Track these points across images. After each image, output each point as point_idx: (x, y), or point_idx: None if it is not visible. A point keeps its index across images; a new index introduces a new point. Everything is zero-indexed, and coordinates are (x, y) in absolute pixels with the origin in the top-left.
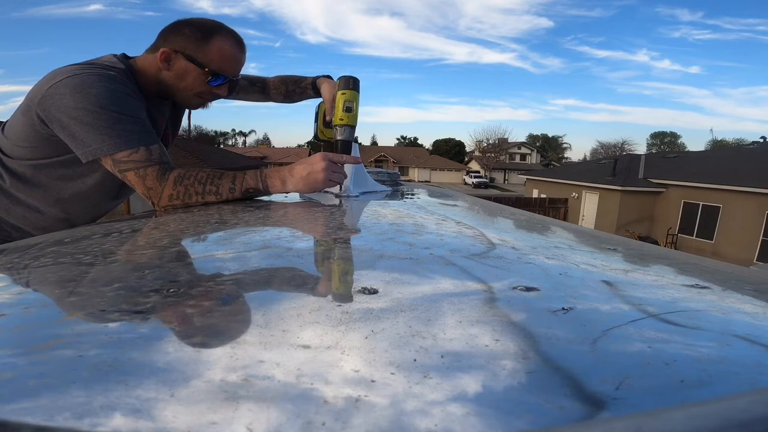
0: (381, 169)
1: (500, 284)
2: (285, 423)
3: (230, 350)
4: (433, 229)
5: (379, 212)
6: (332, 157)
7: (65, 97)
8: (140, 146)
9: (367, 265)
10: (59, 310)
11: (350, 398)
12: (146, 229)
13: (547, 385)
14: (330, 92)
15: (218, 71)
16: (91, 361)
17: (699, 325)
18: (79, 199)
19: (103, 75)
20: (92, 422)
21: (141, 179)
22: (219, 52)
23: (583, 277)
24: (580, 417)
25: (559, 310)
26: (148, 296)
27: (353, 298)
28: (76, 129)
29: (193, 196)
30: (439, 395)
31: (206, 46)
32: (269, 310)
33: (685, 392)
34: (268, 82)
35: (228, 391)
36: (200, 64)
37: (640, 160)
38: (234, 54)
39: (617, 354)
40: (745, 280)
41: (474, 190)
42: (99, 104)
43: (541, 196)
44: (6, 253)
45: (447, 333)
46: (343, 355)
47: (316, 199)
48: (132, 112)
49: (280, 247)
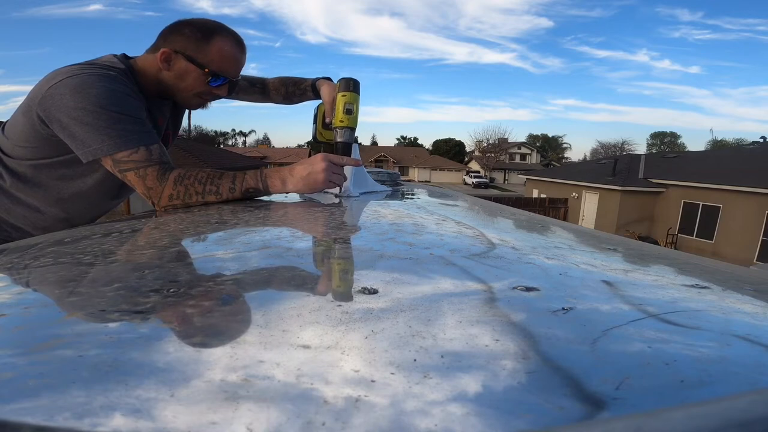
0: (381, 169)
1: (500, 284)
2: (285, 423)
3: (230, 350)
4: (433, 229)
5: (379, 212)
6: (333, 159)
7: (65, 97)
8: (140, 146)
9: (367, 265)
10: (59, 310)
11: (350, 398)
12: (146, 229)
13: (547, 385)
14: (330, 94)
15: (218, 72)
16: (91, 361)
17: (699, 325)
18: (80, 199)
19: (104, 75)
20: (92, 422)
21: (141, 179)
22: (219, 53)
23: (583, 277)
24: (580, 417)
25: (559, 310)
26: (148, 296)
27: (353, 298)
28: (76, 129)
29: (193, 196)
30: (439, 395)
31: (206, 46)
32: (269, 310)
33: (685, 392)
34: (267, 83)
35: (228, 391)
36: (200, 65)
37: (640, 160)
38: (234, 54)
39: (617, 354)
40: (745, 280)
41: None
42: (99, 104)
43: (541, 196)
44: (6, 253)
45: (447, 333)
46: (343, 355)
47: (316, 199)
48: (132, 112)
49: (280, 247)
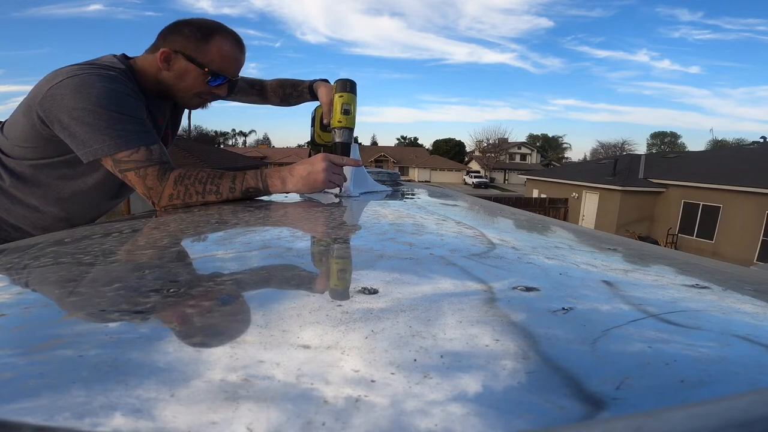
0: (381, 169)
1: (500, 284)
2: (285, 423)
3: (230, 350)
4: (433, 229)
5: (379, 212)
6: (333, 159)
7: (66, 97)
8: (141, 146)
9: (367, 265)
10: (59, 310)
11: (350, 398)
12: (146, 229)
13: (547, 385)
14: (327, 96)
15: (218, 71)
16: (91, 361)
17: (699, 325)
18: (79, 199)
19: (104, 75)
20: (92, 422)
21: (141, 179)
22: (219, 53)
23: (583, 277)
24: (580, 417)
25: (559, 310)
26: (148, 296)
27: (353, 298)
28: (77, 129)
29: (194, 195)
30: (439, 395)
31: (206, 46)
32: (269, 310)
33: (685, 392)
34: (265, 85)
35: (228, 391)
36: (200, 64)
37: (640, 160)
38: (234, 54)
39: (617, 354)
40: (745, 280)
41: (474, 190)
42: (99, 104)
43: (541, 196)
44: (6, 253)
45: (447, 333)
46: (343, 355)
47: (317, 199)
48: (132, 112)
49: (280, 247)
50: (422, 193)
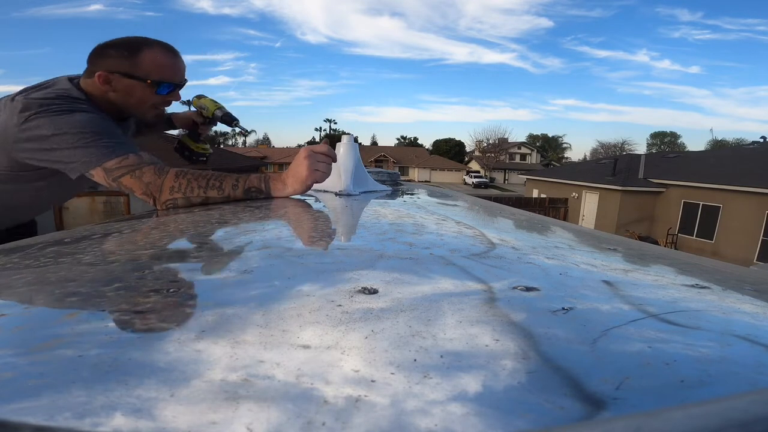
0: (381, 169)
1: (500, 284)
2: (285, 423)
3: (230, 350)
4: (433, 229)
5: (379, 212)
6: (313, 148)
7: (42, 129)
8: (129, 153)
9: (367, 265)
10: (59, 310)
11: (350, 398)
12: (146, 229)
13: (547, 385)
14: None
15: (160, 80)
16: (91, 361)
17: (699, 325)
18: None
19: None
20: (93, 422)
21: (138, 179)
22: (153, 62)
23: (583, 277)
24: (580, 417)
25: (559, 310)
26: (148, 296)
27: (353, 298)
28: (61, 152)
29: (195, 189)
30: (439, 395)
31: (137, 59)
32: (269, 310)
33: (685, 392)
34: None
35: (228, 391)
36: (140, 78)
37: (640, 160)
38: (168, 60)
39: (617, 354)
40: (745, 280)
41: (474, 190)
42: (79, 127)
43: (541, 196)
44: (6, 253)
45: (447, 333)
46: (343, 355)
47: (317, 198)
48: (111, 131)
49: (280, 247)
50: (422, 193)
